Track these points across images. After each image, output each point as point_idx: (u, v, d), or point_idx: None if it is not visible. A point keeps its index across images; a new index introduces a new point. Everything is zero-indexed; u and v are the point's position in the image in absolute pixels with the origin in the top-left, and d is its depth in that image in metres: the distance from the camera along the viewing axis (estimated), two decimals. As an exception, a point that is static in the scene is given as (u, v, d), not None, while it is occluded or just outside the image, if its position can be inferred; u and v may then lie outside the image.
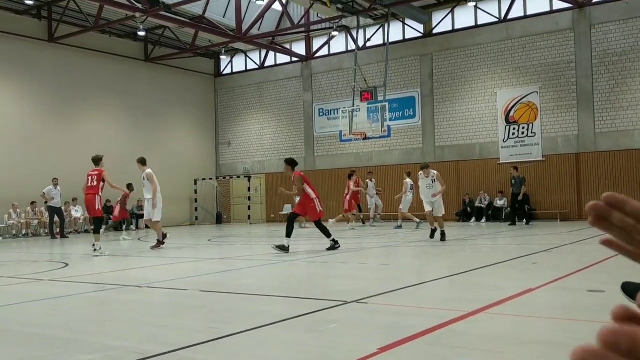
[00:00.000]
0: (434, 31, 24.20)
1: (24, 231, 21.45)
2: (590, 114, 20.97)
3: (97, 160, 12.54)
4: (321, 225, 11.62)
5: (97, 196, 12.13)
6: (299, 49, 27.69)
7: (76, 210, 22.95)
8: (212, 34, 24.22)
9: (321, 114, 26.91)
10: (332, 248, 11.42)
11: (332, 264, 9.53)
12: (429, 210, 13.13)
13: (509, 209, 20.65)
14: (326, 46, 26.97)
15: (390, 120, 23.84)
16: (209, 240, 16.94)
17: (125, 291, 7.11)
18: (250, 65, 29.49)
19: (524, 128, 22.13)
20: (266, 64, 28.92)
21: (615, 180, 20.49)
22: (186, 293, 6.78)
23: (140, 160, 13.66)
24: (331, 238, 11.50)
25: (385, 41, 23.37)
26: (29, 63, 23.04)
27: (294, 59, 27.70)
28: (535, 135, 21.91)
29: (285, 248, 11.01)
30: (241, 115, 29.55)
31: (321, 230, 11.62)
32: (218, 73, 30.57)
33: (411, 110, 24.55)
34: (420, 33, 24.48)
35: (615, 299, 4.61)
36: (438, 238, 13.03)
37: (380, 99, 22.25)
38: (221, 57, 28.96)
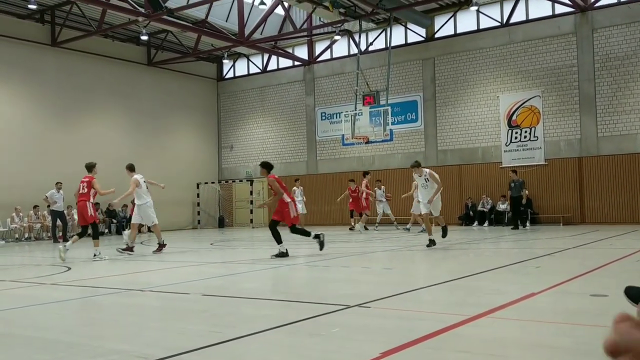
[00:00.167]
0: (436, 35, 24.22)
1: (27, 235, 21.47)
2: (593, 118, 20.95)
3: (90, 167, 12.61)
4: (297, 229, 11.35)
5: (89, 203, 12.16)
6: (302, 53, 27.73)
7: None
8: (215, 38, 24.27)
9: (323, 117, 26.92)
10: (321, 243, 11.18)
11: (335, 268, 9.52)
12: (425, 213, 12.68)
13: (510, 213, 20.62)
14: (328, 50, 27.01)
15: (393, 124, 23.85)
16: (211, 244, 16.93)
17: (127, 295, 7.11)
18: (253, 69, 29.53)
19: (526, 132, 22.12)
20: (268, 68, 28.96)
21: (617, 184, 20.47)
22: (188, 297, 6.78)
23: (127, 167, 13.78)
24: (312, 235, 11.24)
25: (388, 45, 23.39)
26: (32, 67, 23.10)
27: (297, 63, 27.74)
28: (537, 139, 21.89)
29: (284, 254, 10.95)
30: (243, 119, 29.58)
31: (299, 234, 11.38)
32: (220, 77, 30.62)
33: (413, 114, 24.56)
34: (423, 37, 24.49)
35: (619, 303, 4.60)
36: (439, 239, 12.86)
37: (383, 102, 22.27)
38: (224, 61, 29.00)
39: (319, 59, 27.26)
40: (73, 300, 6.94)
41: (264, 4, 22.17)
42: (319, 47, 27.49)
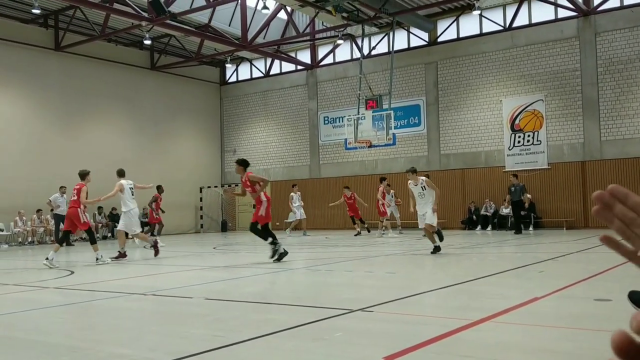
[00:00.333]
0: (439, 39, 24.23)
1: (30, 239, 21.49)
2: (596, 122, 20.92)
3: (82, 175, 12.72)
4: (256, 229, 11.16)
5: (79, 210, 12.25)
6: (304, 57, 27.77)
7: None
8: (218, 42, 24.32)
9: (326, 121, 26.94)
10: (274, 252, 10.84)
11: (337, 272, 9.51)
12: (427, 224, 11.83)
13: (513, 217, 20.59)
14: (331, 54, 27.04)
15: (395, 128, 23.85)
16: (214, 248, 16.93)
17: (130, 299, 7.11)
18: (256, 74, 29.59)
19: (529, 136, 22.10)
20: (271, 72, 29.01)
21: (621, 188, 20.40)
22: (191, 301, 6.77)
23: (117, 172, 13.78)
24: (269, 240, 11.01)
25: (390, 49, 23.41)
26: (36, 71, 23.18)
27: (299, 67, 27.78)
28: (540, 143, 21.86)
29: (282, 253, 10.87)
30: (246, 123, 29.62)
31: (257, 235, 11.20)
32: (223, 81, 30.67)
33: (416, 118, 24.56)
34: (425, 41, 24.51)
35: (622, 308, 4.59)
36: (441, 242, 12.55)
37: (385, 107, 22.28)
38: (226, 66, 29.07)
39: (322, 63, 27.29)
40: (75, 304, 6.94)
41: (267, 8, 22.22)
42: (322, 52, 27.53)
